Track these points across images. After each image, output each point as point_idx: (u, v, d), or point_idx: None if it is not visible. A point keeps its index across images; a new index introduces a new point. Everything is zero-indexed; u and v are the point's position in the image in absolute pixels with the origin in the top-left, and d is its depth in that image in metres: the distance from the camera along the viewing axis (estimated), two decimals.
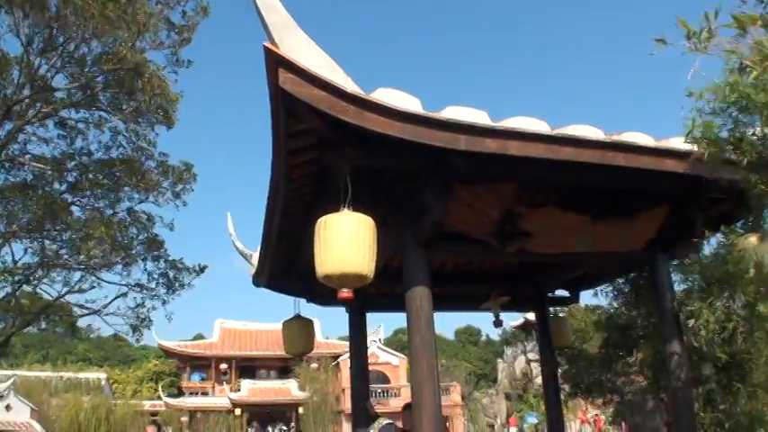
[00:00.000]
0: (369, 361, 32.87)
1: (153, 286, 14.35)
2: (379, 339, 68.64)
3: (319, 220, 4.51)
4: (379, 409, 29.62)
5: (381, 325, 64.07)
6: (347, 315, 8.12)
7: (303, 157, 4.96)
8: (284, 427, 42.24)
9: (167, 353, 49.62)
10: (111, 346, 69.53)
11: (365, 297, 8.05)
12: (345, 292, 4.59)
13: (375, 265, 4.59)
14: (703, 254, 5.88)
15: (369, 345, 39.18)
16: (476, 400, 40.44)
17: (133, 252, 13.93)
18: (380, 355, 39.52)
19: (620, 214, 5.78)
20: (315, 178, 5.38)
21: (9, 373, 39.65)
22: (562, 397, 10.48)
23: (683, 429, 5.85)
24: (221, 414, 40.12)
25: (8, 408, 31.81)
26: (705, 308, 5.41)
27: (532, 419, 34.53)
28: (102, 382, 43.22)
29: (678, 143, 5.20)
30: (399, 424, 4.48)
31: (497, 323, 7.70)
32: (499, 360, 55.67)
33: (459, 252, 5.81)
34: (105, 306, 14.93)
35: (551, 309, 9.06)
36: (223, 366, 47.72)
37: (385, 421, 4.43)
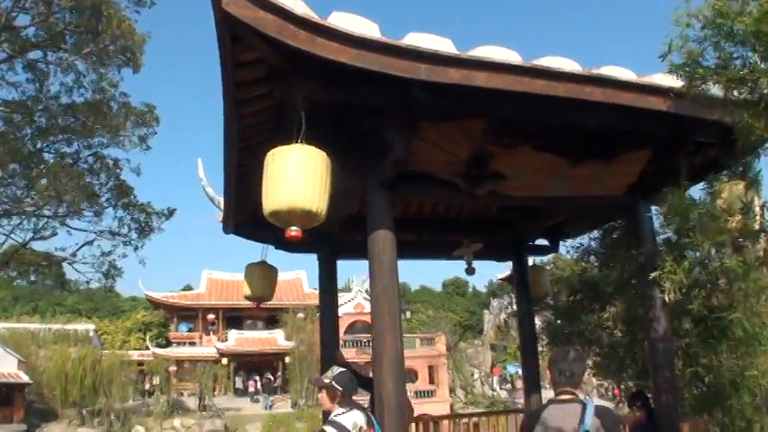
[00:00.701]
0: (355, 311, 32.81)
1: (125, 232, 14.07)
2: (366, 290, 69.19)
3: (268, 153, 4.14)
4: (364, 359, 29.56)
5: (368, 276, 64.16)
6: (317, 263, 7.81)
7: (255, 91, 4.56)
8: (270, 377, 42.65)
9: (154, 304, 49.63)
10: (101, 297, 69.35)
11: (335, 244, 7.77)
12: (294, 231, 4.22)
13: (327, 204, 4.23)
14: (685, 200, 5.60)
15: (355, 295, 39.48)
16: (461, 350, 40.83)
17: (102, 199, 13.56)
18: (366, 305, 39.47)
19: (599, 157, 5.44)
20: (273, 114, 4.98)
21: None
22: (540, 348, 10.37)
23: (664, 383, 5.61)
24: (208, 363, 40.35)
25: None
26: (669, 259, 5.16)
27: (513, 369, 34.94)
28: (91, 333, 43.21)
29: (662, 79, 4.84)
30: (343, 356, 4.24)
31: (470, 271, 7.42)
32: (485, 311, 56.31)
33: (426, 194, 5.48)
34: (73, 254, 14.63)
35: (531, 259, 8.83)
36: (210, 317, 47.86)
37: (338, 370, 4.15)
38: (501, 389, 34.71)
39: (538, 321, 9.52)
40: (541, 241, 8.67)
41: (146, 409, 34.66)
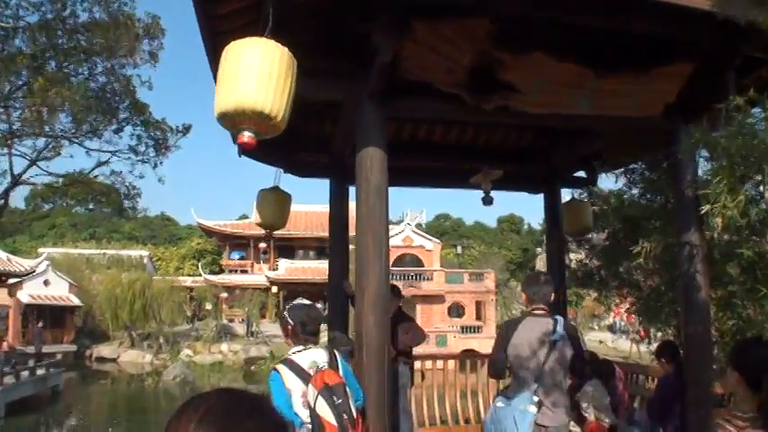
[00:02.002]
0: (403, 244, 32.36)
1: (143, 150, 13.92)
2: (421, 224, 68.97)
3: (225, 48, 3.55)
4: (411, 291, 29.26)
5: (424, 210, 63.78)
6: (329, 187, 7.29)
7: None
8: (320, 305, 43.18)
9: (207, 232, 50.66)
10: (158, 225, 71.61)
11: (347, 169, 7.21)
12: (246, 137, 3.62)
13: (287, 108, 3.62)
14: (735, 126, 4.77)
15: (404, 228, 39.16)
16: (511, 288, 40.30)
17: (120, 118, 13.37)
18: (414, 239, 39.29)
19: (629, 70, 4.63)
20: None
21: (52, 250, 41.23)
22: (571, 290, 9.72)
23: (695, 337, 4.90)
24: (258, 291, 41.13)
25: (46, 283, 33.11)
26: (724, 191, 4.35)
27: None
28: (145, 260, 44.56)
29: None
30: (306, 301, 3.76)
31: (487, 200, 6.76)
32: (538, 249, 55.26)
33: (424, 109, 4.82)
34: (89, 172, 14.66)
35: (570, 192, 8.07)
36: (262, 245, 48.57)
37: (296, 302, 3.64)
38: None
39: (573, 261, 8.88)
40: (579, 174, 7.93)
41: (195, 334, 35.75)
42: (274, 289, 43.06)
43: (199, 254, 54.45)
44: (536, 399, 3.94)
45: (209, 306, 40.51)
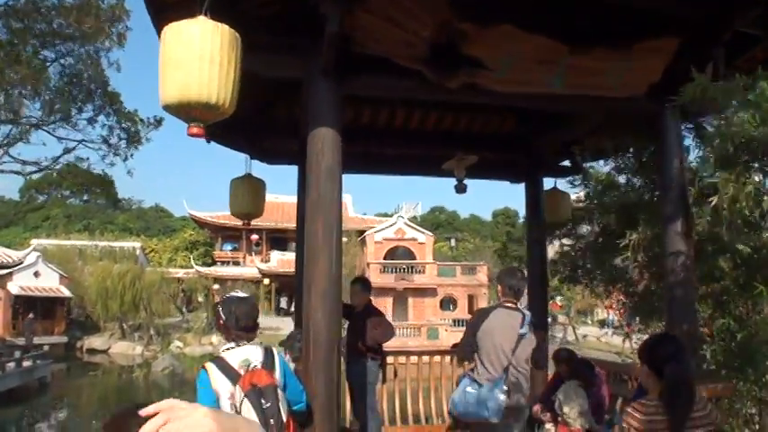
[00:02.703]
0: (395, 237, 31.83)
1: (114, 141, 13.58)
2: (416, 217, 68.51)
3: (163, 28, 3.21)
4: (403, 284, 28.93)
5: (419, 202, 63.40)
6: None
7: None
8: None
9: (199, 223, 50.24)
10: (152, 216, 71.11)
11: None
12: (195, 128, 3.34)
13: (235, 92, 3.31)
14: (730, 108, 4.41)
15: (396, 220, 38.81)
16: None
17: (93, 105, 13.00)
18: (407, 231, 38.87)
19: (609, 44, 4.26)
20: None
21: (44, 241, 40.82)
22: (554, 283, 9.41)
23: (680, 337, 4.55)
24: (250, 283, 40.79)
25: (36, 274, 32.75)
26: (731, 180, 3.97)
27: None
28: (137, 251, 44.15)
29: None
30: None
31: (460, 188, 6.40)
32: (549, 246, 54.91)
33: (382, 87, 4.44)
34: (55, 161, 14.36)
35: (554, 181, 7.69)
36: (254, 237, 48.23)
37: (230, 295, 3.29)
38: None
39: (552, 251, 8.54)
40: (564, 164, 7.59)
41: (186, 326, 35.43)
42: (266, 281, 42.73)
43: (192, 245, 54.02)
44: (505, 387, 4.26)
45: (201, 298, 40.16)
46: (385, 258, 37.88)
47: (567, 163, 7.54)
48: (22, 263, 25.95)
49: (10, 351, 21.97)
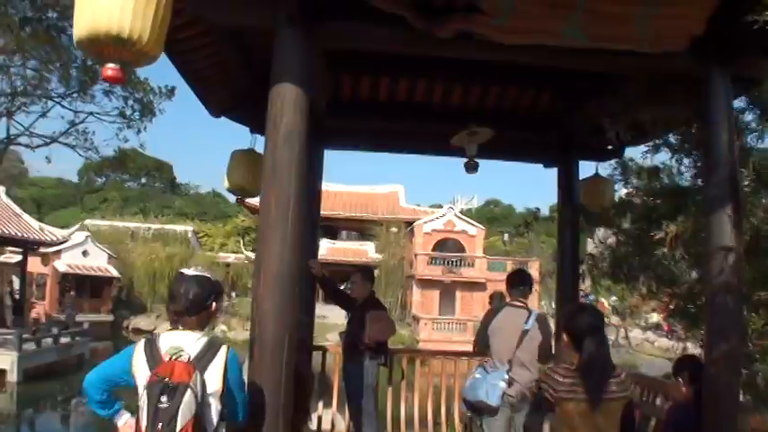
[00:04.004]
0: (444, 228, 30.83)
1: (129, 113, 13.27)
2: (471, 209, 67.23)
3: None
4: (451, 277, 27.87)
5: (475, 195, 62.17)
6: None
7: None
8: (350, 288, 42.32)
9: (249, 209, 50.36)
10: (209, 202, 72.07)
11: (323, 131, 6.23)
12: (110, 69, 2.78)
13: (157, 31, 2.73)
14: None
15: (446, 211, 37.99)
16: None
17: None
18: (457, 224, 37.88)
19: None
20: None
21: (97, 222, 41.75)
22: (588, 276, 8.53)
23: (720, 354, 3.68)
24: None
25: (85, 253, 33.56)
26: None
27: (592, 298, 32.64)
28: (189, 235, 44.70)
29: None
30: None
31: (470, 166, 5.60)
32: (589, 239, 53.05)
33: (359, 37, 3.72)
34: (63, 134, 14.15)
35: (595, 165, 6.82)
36: None
37: (188, 270, 2.70)
38: None
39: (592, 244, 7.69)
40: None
41: (232, 310, 35.56)
42: None
43: (244, 231, 54.40)
44: (507, 377, 4.69)
45: (248, 283, 40.30)
46: (433, 250, 37.08)
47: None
48: (66, 241, 26.41)
49: (49, 327, 22.35)
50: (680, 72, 4.12)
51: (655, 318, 26.80)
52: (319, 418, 6.13)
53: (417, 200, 52.95)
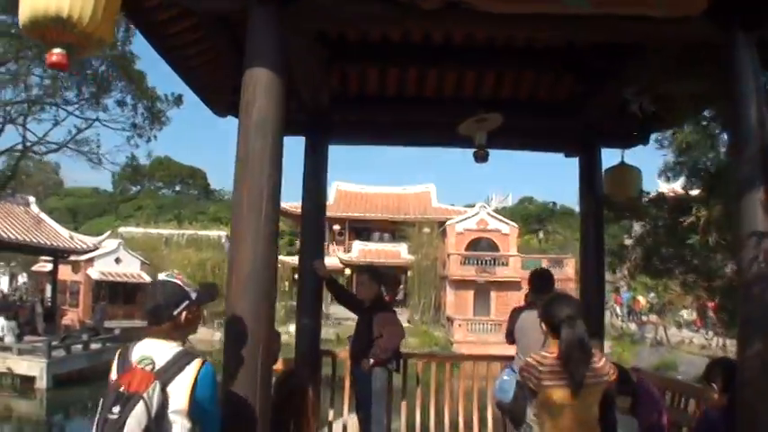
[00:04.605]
0: (477, 228, 30.22)
1: (140, 121, 13.21)
2: (506, 207, 66.29)
3: None
4: (485, 277, 27.27)
5: (510, 193, 61.23)
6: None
7: None
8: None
9: (282, 213, 50.60)
10: None
11: (327, 126, 5.96)
12: (55, 54, 2.57)
13: (106, 12, 2.49)
14: None
15: (479, 210, 37.45)
16: None
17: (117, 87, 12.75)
18: (490, 222, 37.32)
19: None
20: None
21: (131, 229, 42.31)
22: (619, 273, 8.12)
23: (755, 356, 3.24)
24: (334, 273, 40.40)
25: (117, 261, 34.06)
26: None
27: (627, 296, 31.73)
28: (223, 240, 44.97)
29: None
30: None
31: (480, 156, 5.22)
32: (626, 236, 51.77)
33: (340, 15, 3.39)
34: (72, 139, 14.17)
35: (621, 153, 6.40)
36: (336, 227, 48.05)
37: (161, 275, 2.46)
38: (630, 320, 31.39)
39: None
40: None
41: None
42: (347, 271, 42.39)
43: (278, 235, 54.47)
44: None
45: (286, 287, 40.29)
46: (467, 250, 36.58)
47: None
48: (96, 249, 26.77)
49: (80, 334, 22.62)
50: (699, 39, 3.71)
51: (685, 315, 25.89)
52: (329, 425, 5.86)
53: (450, 200, 52.29)
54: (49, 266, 26.94)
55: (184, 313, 2.49)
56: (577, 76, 5.83)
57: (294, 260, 43.40)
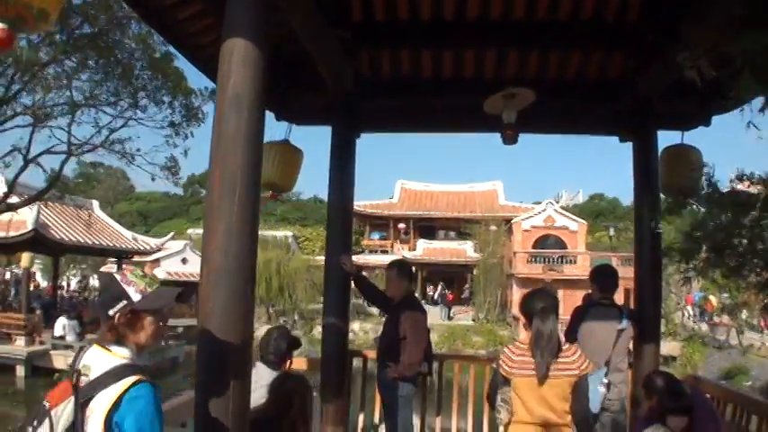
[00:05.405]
0: (545, 225, 29.33)
1: (178, 120, 13.14)
2: (576, 205, 64.29)
3: None
4: (552, 276, 26.40)
5: (580, 190, 59.16)
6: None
7: None
8: (445, 289, 41.06)
9: None
10: (311, 207, 73.43)
11: (354, 114, 5.62)
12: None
13: None
14: None
15: (545, 207, 36.40)
16: (666, 275, 35.97)
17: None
18: (557, 219, 36.12)
19: None
20: None
21: (199, 231, 43.43)
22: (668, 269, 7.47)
23: None
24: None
25: (184, 261, 35.28)
26: None
27: (698, 296, 29.98)
28: (290, 240, 45.54)
29: None
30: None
31: (508, 137, 4.70)
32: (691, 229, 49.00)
33: None
34: (104, 142, 14.20)
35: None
36: (401, 226, 47.85)
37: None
38: (702, 321, 29.56)
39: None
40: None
41: None
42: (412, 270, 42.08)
43: None
44: (606, 381, 4.55)
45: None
46: (534, 248, 35.57)
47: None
48: (159, 250, 27.42)
49: None
50: None
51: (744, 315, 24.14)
52: (361, 429, 5.53)
53: (519, 198, 51.11)
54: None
55: (119, 317, 2.10)
56: (628, 51, 5.32)
57: (358, 258, 43.59)
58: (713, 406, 4.38)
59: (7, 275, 30.14)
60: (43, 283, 36.69)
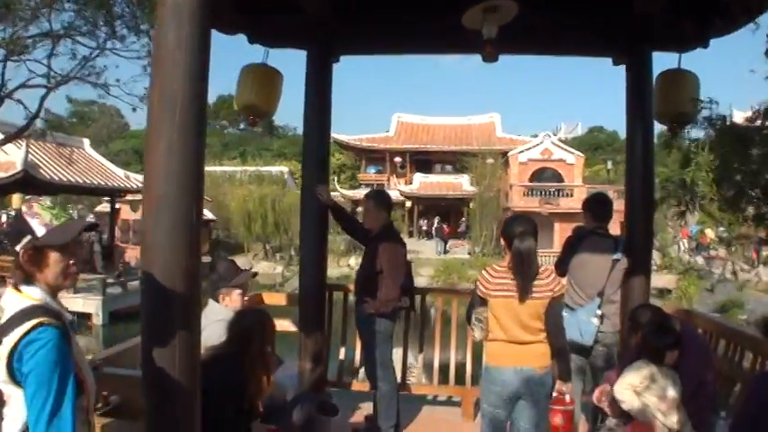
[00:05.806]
0: (542, 157, 28.97)
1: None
2: (575, 137, 63.64)
3: None
4: (549, 209, 26.39)
5: (579, 123, 58.40)
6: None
7: None
8: (440, 223, 41.06)
9: (343, 147, 50.22)
10: None
11: (331, 37, 5.27)
12: None
13: None
14: None
15: (542, 139, 36.02)
16: (663, 209, 35.87)
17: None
18: (554, 152, 35.77)
19: None
20: None
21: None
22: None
23: None
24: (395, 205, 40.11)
25: None
26: None
27: (695, 229, 29.98)
28: (285, 176, 45.18)
29: None
30: None
31: (488, 54, 4.33)
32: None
33: None
34: (79, 71, 13.75)
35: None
36: (397, 160, 47.51)
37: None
38: (698, 254, 29.65)
39: None
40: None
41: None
42: (408, 204, 41.98)
43: (339, 169, 54.45)
44: (599, 312, 4.44)
45: None
46: (530, 181, 35.36)
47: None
48: None
49: (136, 271, 23.23)
50: None
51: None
52: (341, 363, 5.45)
53: (517, 131, 50.35)
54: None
55: (23, 253, 1.91)
56: None
57: (355, 193, 43.42)
58: (705, 341, 4.26)
59: (3, 218, 29.94)
60: None
